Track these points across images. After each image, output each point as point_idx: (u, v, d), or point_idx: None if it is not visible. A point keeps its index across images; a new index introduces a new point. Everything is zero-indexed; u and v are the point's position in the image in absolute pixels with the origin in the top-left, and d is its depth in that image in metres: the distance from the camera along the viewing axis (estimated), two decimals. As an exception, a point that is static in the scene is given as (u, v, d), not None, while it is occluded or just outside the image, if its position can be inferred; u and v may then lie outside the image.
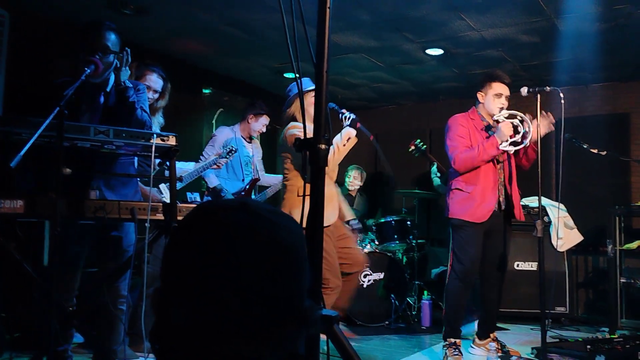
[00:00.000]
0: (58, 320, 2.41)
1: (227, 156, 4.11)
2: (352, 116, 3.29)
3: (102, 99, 2.75)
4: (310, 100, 3.24)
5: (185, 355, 0.73)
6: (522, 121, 3.50)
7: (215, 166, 4.09)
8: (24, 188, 2.52)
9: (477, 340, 3.91)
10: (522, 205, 5.19)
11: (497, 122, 3.54)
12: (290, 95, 3.50)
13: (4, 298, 3.50)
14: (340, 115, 3.31)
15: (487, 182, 3.59)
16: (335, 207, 3.35)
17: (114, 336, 2.77)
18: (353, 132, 3.29)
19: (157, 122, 3.62)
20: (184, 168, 3.97)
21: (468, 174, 3.62)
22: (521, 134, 3.49)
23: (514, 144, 3.51)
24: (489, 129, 3.66)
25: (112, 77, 2.74)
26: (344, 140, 3.25)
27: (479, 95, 3.74)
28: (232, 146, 4.15)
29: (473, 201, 3.58)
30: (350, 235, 3.64)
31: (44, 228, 2.67)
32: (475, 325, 4.05)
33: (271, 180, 4.70)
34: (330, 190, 3.32)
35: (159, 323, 0.75)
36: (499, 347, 3.84)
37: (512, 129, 3.53)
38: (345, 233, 3.55)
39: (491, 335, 3.88)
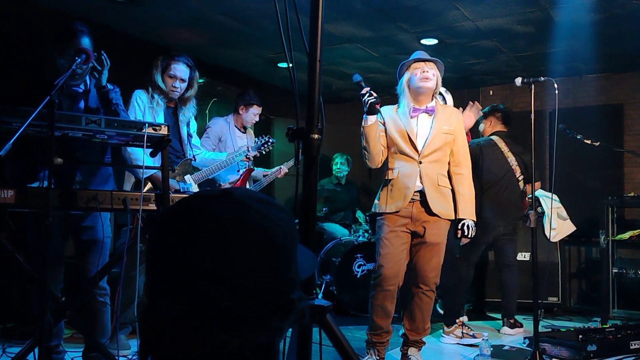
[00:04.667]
0: (51, 310, 2.40)
1: (262, 148, 4.16)
2: (371, 100, 3.10)
3: (82, 103, 2.74)
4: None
5: (170, 346, 0.72)
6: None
7: (245, 158, 4.13)
8: (9, 177, 2.51)
9: (445, 328, 4.02)
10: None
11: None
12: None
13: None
14: (360, 95, 3.13)
15: None
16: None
17: (99, 329, 2.78)
18: (371, 119, 3.17)
19: (190, 112, 3.59)
20: (216, 159, 3.96)
21: None
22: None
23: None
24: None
25: (89, 80, 2.75)
26: (366, 127, 3.21)
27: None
28: (268, 137, 4.20)
29: None
30: None
31: (29, 219, 2.65)
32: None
33: (258, 174, 4.68)
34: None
35: (146, 313, 0.75)
36: (467, 332, 3.96)
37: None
38: None
39: (457, 321, 4.00)
